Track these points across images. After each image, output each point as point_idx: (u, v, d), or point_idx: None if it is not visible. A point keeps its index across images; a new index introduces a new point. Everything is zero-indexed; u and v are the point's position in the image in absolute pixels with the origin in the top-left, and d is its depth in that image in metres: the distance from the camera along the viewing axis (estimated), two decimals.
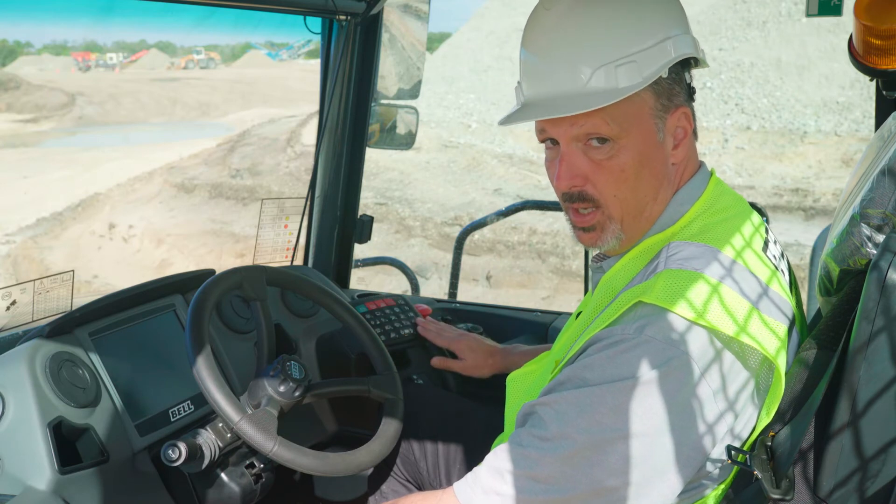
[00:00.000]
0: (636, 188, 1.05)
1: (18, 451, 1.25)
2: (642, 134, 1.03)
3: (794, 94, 17.38)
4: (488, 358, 1.70)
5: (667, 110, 1.04)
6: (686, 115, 1.07)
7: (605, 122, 1.02)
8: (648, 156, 1.04)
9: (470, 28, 28.70)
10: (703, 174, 1.12)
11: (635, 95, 1.01)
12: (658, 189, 1.07)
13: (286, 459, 1.29)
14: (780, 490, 0.87)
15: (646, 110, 1.03)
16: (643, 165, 1.04)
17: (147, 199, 13.79)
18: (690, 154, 1.10)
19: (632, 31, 1.02)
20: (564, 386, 0.98)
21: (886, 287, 0.86)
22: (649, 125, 1.04)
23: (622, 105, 1.01)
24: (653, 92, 1.03)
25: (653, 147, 1.04)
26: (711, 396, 0.93)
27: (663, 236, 1.07)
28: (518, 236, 9.76)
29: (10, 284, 1.51)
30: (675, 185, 1.09)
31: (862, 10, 1.29)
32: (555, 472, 0.94)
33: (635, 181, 1.04)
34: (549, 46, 1.05)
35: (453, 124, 19.46)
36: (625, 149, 1.03)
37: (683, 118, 1.06)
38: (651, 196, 1.07)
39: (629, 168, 1.03)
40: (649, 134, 1.04)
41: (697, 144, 1.14)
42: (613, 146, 1.03)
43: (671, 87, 1.04)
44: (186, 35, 41.23)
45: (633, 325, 0.95)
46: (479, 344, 1.73)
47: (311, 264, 2.26)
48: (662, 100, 1.03)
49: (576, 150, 1.05)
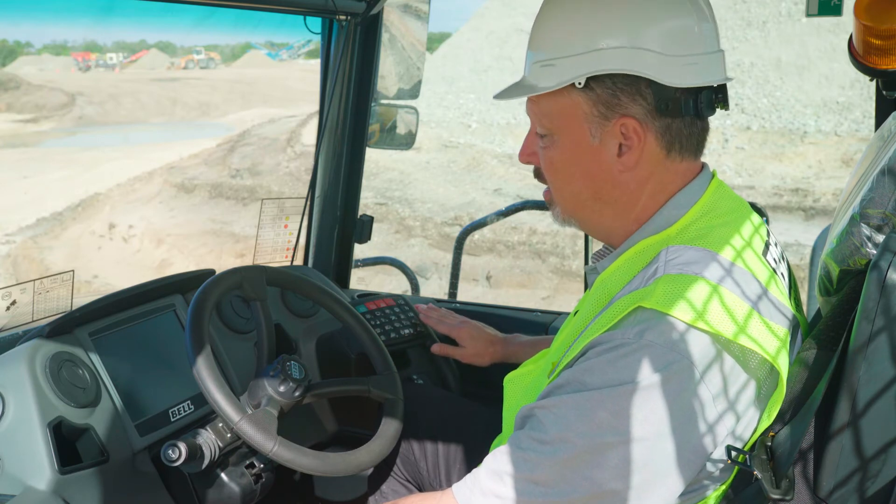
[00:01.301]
0: (567, 183, 1.12)
1: (18, 451, 1.25)
2: (572, 135, 1.08)
3: (794, 94, 17.39)
4: (489, 346, 1.70)
5: (605, 118, 1.06)
6: (633, 126, 1.05)
7: (540, 114, 1.11)
8: (579, 156, 1.09)
9: (470, 28, 28.70)
10: (703, 178, 1.12)
11: (567, 97, 1.07)
12: (598, 190, 1.09)
13: (286, 459, 1.29)
14: (780, 490, 0.87)
15: (578, 114, 1.07)
16: (573, 163, 1.10)
17: (147, 199, 13.79)
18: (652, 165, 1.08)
19: (563, 35, 1.07)
20: (564, 389, 0.98)
21: (886, 287, 0.86)
22: (581, 128, 1.07)
23: (553, 103, 1.08)
24: (587, 98, 1.06)
25: (584, 149, 1.08)
26: (712, 399, 0.93)
27: (659, 238, 1.07)
28: (518, 236, 9.76)
29: (10, 284, 1.51)
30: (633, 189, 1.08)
31: (862, 10, 1.29)
32: (554, 475, 0.94)
33: (565, 176, 1.11)
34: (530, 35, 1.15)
35: (453, 124, 19.46)
36: (556, 144, 1.10)
37: (630, 129, 1.06)
38: (588, 194, 1.10)
39: (557, 163, 1.11)
40: (581, 136, 1.08)
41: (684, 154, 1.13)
42: (549, 139, 1.11)
43: (612, 96, 1.05)
44: (186, 35, 41.24)
45: (633, 329, 0.95)
46: (480, 332, 1.73)
47: (311, 264, 2.26)
48: (599, 107, 1.06)
49: (533, 131, 1.15)
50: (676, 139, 1.08)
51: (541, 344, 1.64)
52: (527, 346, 1.68)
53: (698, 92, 1.06)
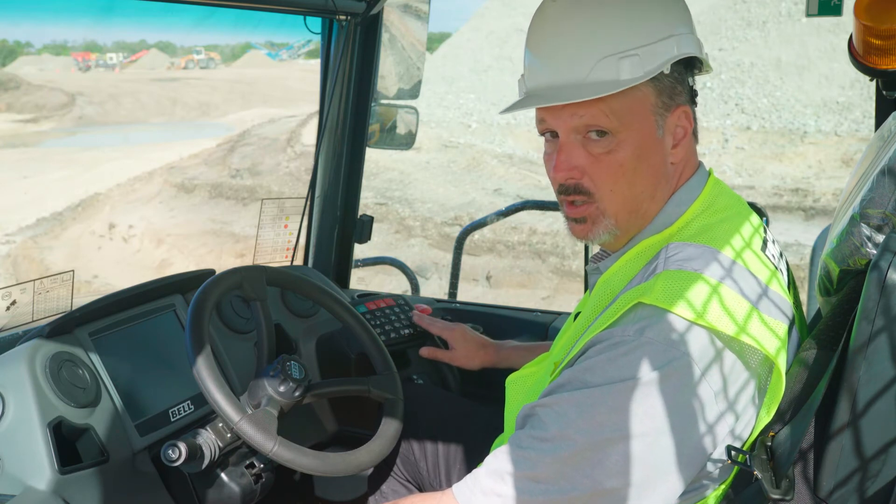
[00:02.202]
0: (633, 184, 1.05)
1: (18, 451, 1.25)
2: (642, 129, 1.04)
3: (794, 94, 17.38)
4: (479, 349, 1.70)
5: (668, 108, 1.05)
6: (687, 114, 1.07)
7: (604, 114, 1.02)
8: (647, 151, 1.05)
9: (470, 28, 28.69)
10: (701, 175, 1.12)
11: (637, 90, 1.02)
12: (655, 186, 1.07)
13: (286, 459, 1.29)
14: (780, 490, 0.87)
15: (647, 106, 1.04)
16: (641, 161, 1.04)
17: (147, 199, 13.79)
18: (690, 154, 1.11)
19: (637, 25, 1.03)
20: (564, 388, 0.98)
21: (886, 287, 0.86)
22: (649, 121, 1.04)
23: (623, 98, 1.02)
24: (654, 88, 1.03)
25: (652, 143, 1.05)
26: (712, 397, 0.93)
27: (661, 237, 1.07)
28: (518, 236, 9.76)
29: (10, 284, 1.51)
30: (672, 184, 1.10)
31: (862, 10, 1.29)
32: (555, 472, 0.94)
33: (633, 176, 1.05)
34: (555, 37, 1.06)
35: (453, 124, 19.46)
36: (624, 143, 1.03)
37: (684, 117, 1.07)
38: (648, 193, 1.07)
39: (627, 163, 1.04)
40: (649, 130, 1.04)
41: (697, 145, 1.14)
42: (612, 140, 1.04)
43: (673, 85, 1.05)
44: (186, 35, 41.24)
45: (634, 326, 0.95)
46: (471, 335, 1.74)
47: (311, 264, 2.26)
48: (664, 97, 1.04)
49: (574, 143, 1.06)
50: (697, 125, 1.10)
51: (537, 349, 1.65)
52: (518, 351, 1.68)
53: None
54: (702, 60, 1.09)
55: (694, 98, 1.11)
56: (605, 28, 1.03)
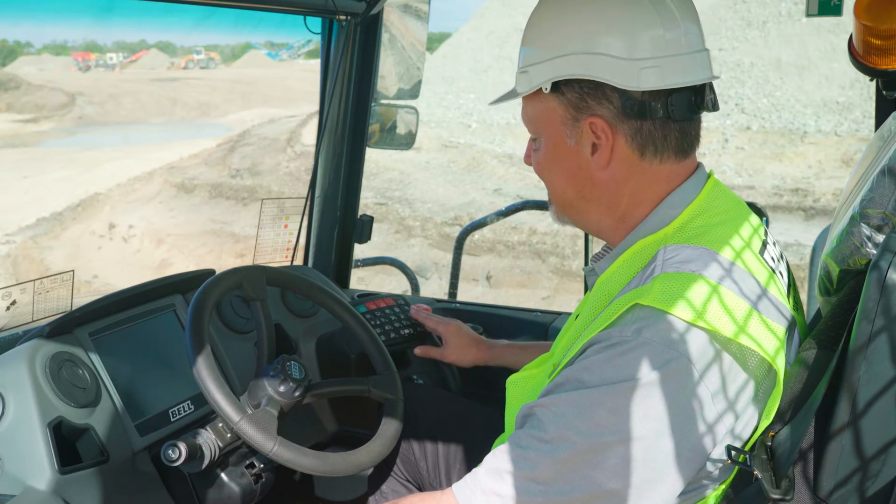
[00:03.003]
0: (553, 181, 1.17)
1: (18, 451, 1.25)
2: (552, 136, 1.13)
3: (794, 94, 17.38)
4: (472, 346, 1.71)
5: (576, 119, 1.10)
6: (601, 126, 1.07)
7: (527, 117, 1.17)
8: (559, 156, 1.13)
9: (470, 28, 28.69)
10: (698, 177, 1.12)
11: (544, 101, 1.11)
12: (581, 188, 1.13)
13: (286, 459, 1.29)
14: (780, 490, 0.87)
15: (555, 117, 1.11)
16: (555, 163, 1.14)
17: (147, 199, 13.79)
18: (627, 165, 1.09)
19: (531, 45, 1.14)
20: (563, 388, 0.98)
21: (886, 287, 0.86)
22: (558, 130, 1.12)
23: (534, 107, 1.14)
24: (559, 101, 1.10)
25: (563, 149, 1.12)
26: (710, 398, 0.93)
27: (655, 238, 1.08)
28: (518, 236, 9.76)
29: (10, 284, 1.51)
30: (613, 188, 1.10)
31: (862, 10, 1.29)
32: (554, 473, 0.95)
33: (551, 177, 1.16)
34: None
35: (453, 124, 19.46)
36: (541, 146, 1.16)
37: (598, 128, 1.08)
38: (573, 193, 1.14)
39: (543, 163, 1.16)
40: (559, 137, 1.12)
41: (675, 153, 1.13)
42: (537, 142, 1.17)
43: (581, 98, 1.08)
44: (186, 35, 41.21)
45: (631, 327, 0.95)
46: (465, 331, 1.75)
47: (311, 264, 2.26)
48: (570, 109, 1.10)
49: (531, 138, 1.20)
50: (649, 141, 1.08)
51: (530, 348, 1.65)
52: (514, 349, 1.68)
53: (669, 94, 1.06)
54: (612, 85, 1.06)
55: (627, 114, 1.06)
56: (523, 44, 1.16)
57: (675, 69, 1.07)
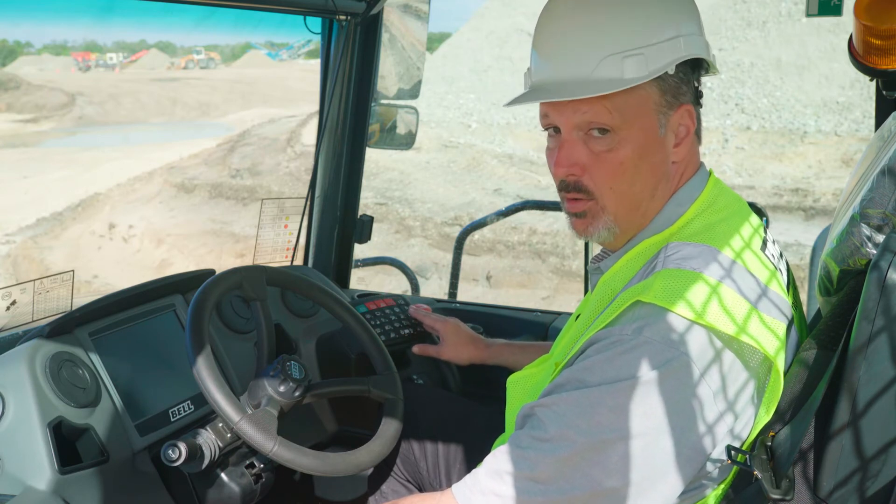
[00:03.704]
0: (633, 182, 1.06)
1: (18, 451, 1.25)
2: (644, 127, 1.04)
3: (794, 94, 17.38)
4: (469, 344, 1.70)
5: (671, 107, 1.05)
6: (690, 113, 1.07)
7: (608, 111, 1.03)
8: (648, 150, 1.05)
9: (470, 28, 28.69)
10: (701, 175, 1.13)
11: (640, 88, 1.03)
12: (656, 185, 1.08)
13: (286, 459, 1.29)
14: (780, 490, 0.87)
15: (650, 104, 1.04)
16: (642, 159, 1.05)
17: (147, 199, 13.78)
18: (691, 154, 1.11)
19: (643, 24, 1.03)
20: (563, 387, 0.98)
21: (886, 287, 0.86)
22: (652, 119, 1.05)
23: (626, 96, 1.02)
24: (658, 87, 1.04)
25: (653, 142, 1.05)
26: (711, 397, 0.93)
27: (661, 237, 1.08)
28: (518, 236, 9.76)
29: (10, 284, 1.51)
30: (673, 184, 1.10)
31: (862, 10, 1.29)
32: (554, 473, 0.94)
33: (633, 175, 1.05)
34: (561, 33, 1.07)
35: (453, 124, 19.45)
36: (625, 141, 1.04)
37: (687, 116, 1.07)
38: (648, 192, 1.07)
39: (628, 161, 1.05)
40: (651, 128, 1.05)
41: (700, 145, 1.15)
42: (614, 138, 1.04)
43: (678, 84, 1.05)
44: (186, 35, 41.19)
45: (632, 325, 0.95)
46: (462, 329, 1.74)
47: (311, 264, 2.26)
48: (667, 96, 1.05)
49: (576, 139, 1.06)
50: (700, 125, 1.11)
51: (527, 348, 1.65)
52: (512, 349, 1.68)
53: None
54: (708, 62, 1.10)
55: (699, 98, 1.11)
56: (610, 26, 1.04)
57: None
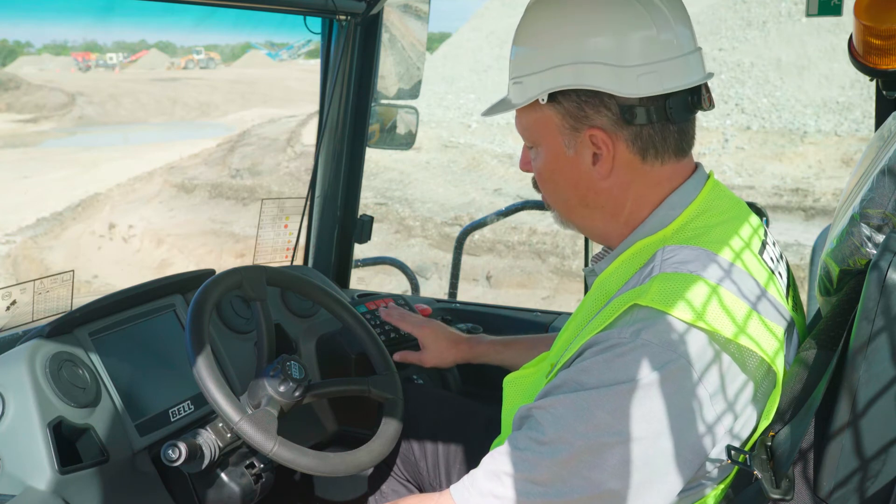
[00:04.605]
0: (554, 190, 1.16)
1: (18, 451, 1.25)
2: (551, 146, 1.12)
3: (794, 94, 17.38)
4: (451, 347, 1.66)
5: (576, 129, 1.09)
6: (601, 137, 1.07)
7: (522, 127, 1.16)
8: (560, 166, 1.12)
9: (470, 28, 28.70)
10: (697, 178, 1.12)
11: (540, 111, 1.10)
12: (583, 196, 1.12)
13: (286, 459, 1.29)
14: (780, 490, 0.87)
15: (552, 127, 1.10)
16: (556, 172, 1.14)
17: (147, 199, 13.78)
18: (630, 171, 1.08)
19: (525, 55, 1.12)
20: (561, 390, 0.98)
21: (886, 287, 0.86)
22: (556, 140, 1.11)
23: (529, 118, 1.13)
24: (556, 111, 1.09)
25: (563, 160, 1.11)
26: (709, 399, 0.93)
27: (655, 239, 1.08)
28: (518, 236, 9.76)
29: (10, 284, 1.51)
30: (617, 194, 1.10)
31: (862, 10, 1.29)
32: (552, 474, 0.95)
33: (552, 184, 1.16)
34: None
35: (453, 124, 19.45)
36: (539, 155, 1.15)
37: (598, 140, 1.07)
38: (576, 201, 1.14)
39: (544, 172, 1.15)
40: (557, 147, 1.11)
41: (697, 144, 1.14)
42: (534, 151, 1.16)
43: (578, 108, 1.07)
44: (186, 35, 41.22)
45: (630, 328, 0.95)
46: (443, 331, 1.68)
47: (311, 264, 2.26)
48: (568, 119, 1.09)
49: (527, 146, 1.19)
50: (650, 145, 1.08)
51: (512, 344, 1.63)
52: (496, 346, 1.65)
53: (666, 98, 1.06)
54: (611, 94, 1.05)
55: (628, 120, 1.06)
56: (513, 54, 1.15)
57: (671, 73, 1.06)
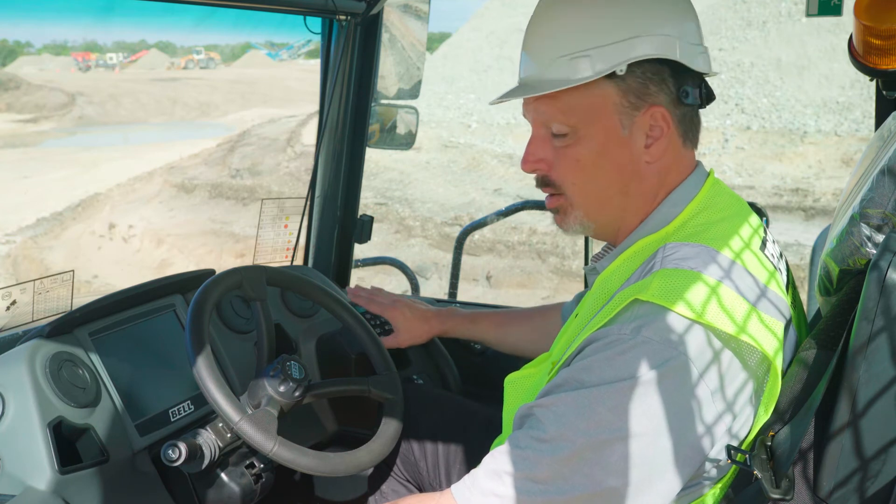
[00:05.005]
0: (595, 178, 1.08)
1: (18, 451, 1.25)
2: (604, 127, 1.06)
3: (794, 94, 17.38)
4: (423, 324, 1.67)
5: (636, 108, 1.06)
6: (662, 114, 1.06)
7: (562, 111, 1.07)
8: (610, 149, 1.07)
9: (470, 28, 28.70)
10: (698, 175, 1.12)
11: (596, 89, 1.05)
12: (625, 183, 1.09)
13: (286, 459, 1.29)
14: (779, 490, 0.87)
15: (608, 105, 1.06)
16: (602, 157, 1.07)
17: (147, 199, 13.78)
18: (672, 154, 1.09)
19: (593, 26, 1.06)
20: (562, 388, 0.98)
21: (886, 287, 0.86)
22: (612, 120, 1.06)
23: (580, 97, 1.06)
24: (617, 88, 1.05)
25: (615, 141, 1.07)
26: (710, 396, 0.93)
27: (657, 237, 1.08)
28: (518, 236, 9.76)
29: (10, 284, 1.51)
30: (651, 183, 1.10)
31: (862, 10, 1.29)
32: (553, 473, 0.95)
33: (593, 171, 1.08)
34: (531, 33, 1.12)
35: (453, 124, 19.45)
36: (583, 139, 1.07)
37: (659, 117, 1.07)
38: (615, 188, 1.09)
39: (585, 158, 1.07)
40: (612, 128, 1.07)
41: (695, 145, 1.14)
42: (573, 136, 1.07)
43: (643, 85, 1.05)
44: (186, 35, 41.21)
45: (630, 325, 0.95)
46: (412, 311, 1.69)
47: (311, 264, 2.26)
48: (630, 97, 1.06)
49: (543, 136, 1.11)
50: (689, 128, 1.10)
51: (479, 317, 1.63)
52: (466, 320, 1.65)
53: (701, 83, 1.09)
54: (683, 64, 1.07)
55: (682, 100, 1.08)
56: (564, 28, 1.07)
57: (707, 58, 1.11)
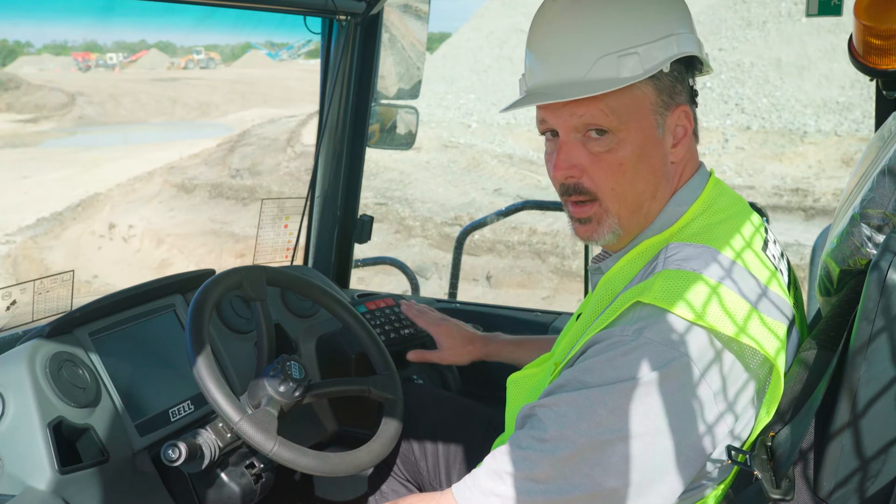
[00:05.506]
0: (634, 182, 1.05)
1: (18, 451, 1.25)
2: (642, 128, 1.04)
3: (794, 94, 17.38)
4: (467, 345, 1.66)
5: (667, 107, 1.05)
6: (687, 113, 1.07)
7: (604, 112, 1.03)
8: (647, 150, 1.05)
9: (470, 28, 28.69)
10: (701, 175, 1.13)
11: (636, 88, 1.03)
12: (656, 186, 1.07)
13: (286, 459, 1.29)
14: (780, 490, 0.87)
15: (646, 104, 1.04)
16: (641, 160, 1.04)
17: (147, 199, 13.78)
18: (690, 154, 1.11)
19: (637, 23, 1.03)
20: (564, 388, 0.98)
21: (886, 287, 0.86)
22: (649, 120, 1.04)
23: (623, 97, 1.02)
24: (654, 87, 1.04)
25: (652, 142, 1.05)
26: (711, 398, 0.93)
27: (661, 238, 1.08)
28: (518, 236, 9.75)
29: (10, 284, 1.51)
30: (673, 184, 1.10)
31: (862, 10, 1.29)
32: (554, 473, 0.95)
33: (633, 175, 1.05)
34: (555, 35, 1.07)
35: (453, 124, 19.45)
36: (624, 141, 1.04)
37: (684, 117, 1.07)
38: (649, 192, 1.07)
39: (627, 161, 1.04)
40: (649, 128, 1.04)
41: (698, 145, 1.15)
42: (613, 138, 1.04)
43: (673, 84, 1.05)
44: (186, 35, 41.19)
45: (632, 326, 0.95)
46: (458, 330, 1.69)
47: (311, 264, 2.26)
48: (664, 96, 1.05)
49: (574, 141, 1.06)
50: (697, 124, 1.11)
51: (524, 343, 1.63)
52: (509, 345, 1.65)
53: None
54: (702, 60, 1.10)
55: (694, 98, 1.11)
56: (604, 26, 1.04)
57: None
